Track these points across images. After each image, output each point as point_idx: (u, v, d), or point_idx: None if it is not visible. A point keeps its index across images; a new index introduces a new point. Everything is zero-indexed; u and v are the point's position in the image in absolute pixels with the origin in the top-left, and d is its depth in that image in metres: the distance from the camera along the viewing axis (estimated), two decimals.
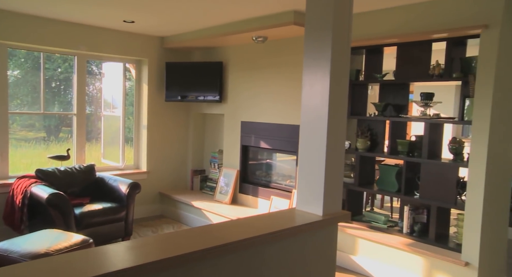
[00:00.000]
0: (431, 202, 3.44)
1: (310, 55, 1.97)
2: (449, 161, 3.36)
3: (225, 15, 4.09)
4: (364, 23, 3.75)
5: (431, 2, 3.31)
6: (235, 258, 1.68)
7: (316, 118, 1.95)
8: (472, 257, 3.10)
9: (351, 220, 3.98)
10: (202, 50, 5.64)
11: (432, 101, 3.55)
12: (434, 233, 3.45)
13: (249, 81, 5.01)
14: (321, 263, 2.06)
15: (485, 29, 2.97)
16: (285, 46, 4.54)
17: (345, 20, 1.94)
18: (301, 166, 2.05)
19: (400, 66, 3.67)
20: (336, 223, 2.05)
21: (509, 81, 3.21)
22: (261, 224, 1.90)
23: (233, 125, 5.25)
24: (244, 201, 5.14)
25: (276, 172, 5.09)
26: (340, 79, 1.96)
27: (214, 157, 5.63)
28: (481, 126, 3.05)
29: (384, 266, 3.62)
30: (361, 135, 3.91)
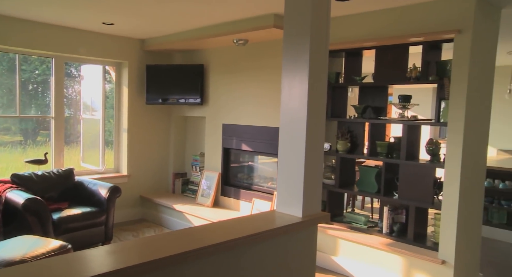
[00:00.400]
0: (410, 202, 3.51)
1: (288, 59, 1.99)
2: (426, 162, 3.43)
3: (206, 18, 4.09)
4: (344, 27, 3.81)
5: (408, 7, 3.38)
6: (216, 261, 1.68)
7: (295, 121, 1.97)
8: (448, 255, 3.17)
9: (332, 221, 4.03)
10: (183, 52, 5.62)
11: (409, 104, 3.62)
12: (413, 233, 3.51)
13: (230, 84, 5.02)
14: (301, 263, 2.08)
15: (458, 33, 3.06)
16: (265, 49, 4.57)
17: (323, 24, 1.97)
18: (281, 168, 2.07)
19: (379, 69, 3.74)
20: (315, 224, 2.07)
21: (481, 83, 3.31)
22: (242, 226, 1.91)
23: (215, 128, 5.24)
24: (226, 204, 5.13)
25: (258, 175, 5.11)
26: (318, 82, 1.99)
27: (196, 160, 5.61)
28: (456, 127, 3.13)
29: (364, 266, 3.67)
30: (341, 137, 3.96)
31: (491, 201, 5.22)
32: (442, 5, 3.18)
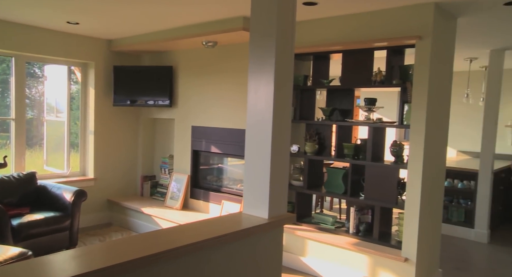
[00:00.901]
0: (375, 202, 3.60)
1: (255, 61, 2.01)
2: (391, 163, 3.54)
3: (174, 19, 4.06)
4: (312, 31, 3.88)
5: (373, 13, 3.48)
6: (183, 263, 1.67)
7: (261, 123, 1.99)
8: (411, 253, 3.28)
9: (301, 222, 4.08)
10: (152, 54, 5.56)
11: (375, 106, 3.72)
12: (378, 232, 3.61)
13: (199, 86, 5.00)
14: (268, 264, 2.10)
15: (419, 40, 3.18)
16: (235, 51, 4.58)
17: (288, 28, 2.00)
18: (247, 170, 2.08)
19: (346, 73, 3.82)
20: (281, 226, 2.10)
21: (440, 87, 3.46)
22: (208, 228, 1.90)
23: (184, 130, 5.20)
24: (195, 206, 5.10)
25: (227, 177, 5.11)
26: (284, 85, 2.02)
27: (165, 163, 5.54)
28: (417, 129, 3.25)
29: (331, 265, 3.74)
30: (310, 139, 4.02)
31: (451, 200, 5.44)
32: (404, 12, 3.30)
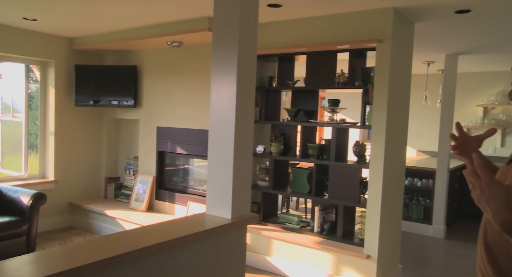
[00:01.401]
0: (339, 201, 3.68)
1: (217, 62, 2.02)
2: (354, 163, 3.63)
3: (139, 18, 4.00)
4: (277, 32, 3.92)
5: (336, 16, 3.56)
6: (146, 265, 1.66)
7: (224, 124, 2.00)
8: (372, 250, 3.38)
9: (267, 222, 4.11)
10: (115, 53, 5.43)
11: (338, 107, 3.81)
12: (341, 231, 3.69)
13: (165, 86, 4.94)
14: (231, 264, 2.11)
15: (380, 43, 3.29)
16: (200, 51, 4.56)
17: (251, 30, 2.02)
18: (210, 171, 2.09)
19: (310, 74, 3.88)
20: (245, 226, 2.12)
21: (400, 89, 3.58)
22: (171, 229, 1.89)
23: (149, 131, 5.12)
24: (160, 208, 5.03)
25: (193, 178, 5.07)
26: (247, 86, 2.03)
27: (129, 164, 5.44)
28: (379, 129, 3.35)
29: (297, 264, 3.79)
30: (275, 140, 4.06)
31: (411, 198, 5.65)
32: (365, 17, 3.40)
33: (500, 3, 3.07)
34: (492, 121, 6.49)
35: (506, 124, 6.45)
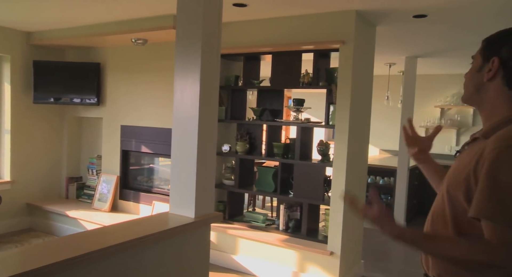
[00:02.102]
0: (303, 199, 3.74)
1: (180, 61, 2.01)
2: (318, 162, 3.70)
3: (102, 13, 3.90)
4: (243, 32, 3.94)
5: (301, 17, 3.62)
6: (108, 265, 1.63)
7: (187, 123, 2.00)
8: (336, 246, 3.47)
9: (233, 221, 4.12)
10: (77, 49, 5.27)
11: (303, 107, 3.87)
12: (306, 228, 3.76)
13: (129, 84, 4.84)
14: (195, 262, 2.11)
15: (343, 44, 3.37)
16: (166, 50, 4.50)
17: (214, 28, 2.02)
18: (173, 170, 2.08)
19: (275, 74, 3.93)
20: (208, 224, 2.12)
21: (362, 89, 3.69)
22: (133, 229, 1.87)
23: (113, 129, 5.01)
24: (125, 208, 4.94)
25: (159, 177, 5.01)
26: (210, 85, 2.04)
27: (92, 163, 5.30)
28: (342, 128, 3.44)
29: (262, 262, 3.83)
30: (241, 139, 4.08)
31: None
32: (329, 18, 3.47)
33: (454, 11, 3.23)
34: (448, 121, 6.80)
35: (460, 124, 6.78)
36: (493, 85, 1.20)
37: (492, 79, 1.20)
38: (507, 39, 1.19)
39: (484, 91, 1.22)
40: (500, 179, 1.04)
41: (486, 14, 3.30)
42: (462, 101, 1.34)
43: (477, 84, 1.24)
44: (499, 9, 3.17)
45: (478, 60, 1.26)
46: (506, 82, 1.18)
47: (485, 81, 1.21)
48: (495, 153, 1.06)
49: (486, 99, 1.22)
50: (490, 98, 1.21)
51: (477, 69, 1.25)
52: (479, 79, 1.23)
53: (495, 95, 1.20)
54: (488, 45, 1.24)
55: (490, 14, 3.31)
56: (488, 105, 1.22)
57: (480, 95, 1.24)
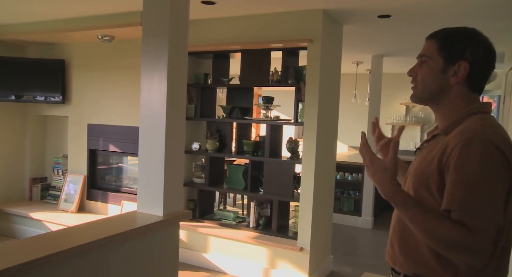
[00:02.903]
0: (273, 197, 3.78)
1: (147, 59, 1.99)
2: (287, 159, 3.75)
3: (66, 8, 3.78)
4: (211, 29, 3.92)
5: (269, 15, 3.64)
6: (72, 267, 1.59)
7: (155, 121, 1.98)
8: (305, 242, 3.53)
9: (203, 219, 4.11)
10: (40, 45, 5.09)
11: (272, 105, 3.90)
12: (276, 225, 3.80)
13: (96, 82, 4.73)
14: (164, 261, 2.10)
15: (310, 43, 3.42)
16: (133, 47, 4.42)
17: (181, 26, 2.01)
18: (141, 168, 2.05)
19: (244, 72, 3.93)
20: (177, 223, 2.11)
21: (330, 87, 3.76)
22: (99, 229, 1.84)
23: (79, 128, 4.88)
24: (92, 208, 4.83)
25: (128, 176, 4.92)
26: (178, 83, 2.02)
27: (58, 163, 5.14)
28: (310, 126, 3.49)
29: (233, 260, 3.84)
30: (210, 137, 4.07)
31: (342, 191, 5.95)
32: (297, 17, 3.51)
33: (416, 11, 3.34)
34: (413, 118, 7.02)
35: (424, 121, 7.02)
36: (457, 86, 1.23)
37: (459, 82, 1.22)
38: (469, 42, 1.21)
39: (447, 93, 1.24)
40: (467, 172, 1.08)
41: (448, 14, 3.43)
42: (415, 99, 1.32)
43: (441, 86, 1.24)
44: (460, 10, 3.30)
45: (438, 61, 1.24)
46: (470, 85, 1.22)
47: (450, 84, 1.23)
48: (459, 147, 1.10)
49: (447, 99, 1.25)
50: (451, 99, 1.24)
51: (441, 71, 1.24)
52: (444, 81, 1.23)
53: (456, 96, 1.24)
54: (448, 46, 1.23)
55: (452, 15, 3.45)
56: (448, 104, 1.26)
57: (442, 96, 1.25)
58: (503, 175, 1.09)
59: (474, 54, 1.20)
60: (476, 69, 1.21)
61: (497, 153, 1.08)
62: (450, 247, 1.09)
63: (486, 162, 1.07)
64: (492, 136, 1.11)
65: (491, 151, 1.08)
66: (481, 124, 1.14)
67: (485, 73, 1.23)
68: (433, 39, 1.27)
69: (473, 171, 1.08)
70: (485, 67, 1.22)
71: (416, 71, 1.29)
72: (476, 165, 1.07)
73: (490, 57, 1.23)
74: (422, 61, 1.28)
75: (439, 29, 1.28)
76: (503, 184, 1.09)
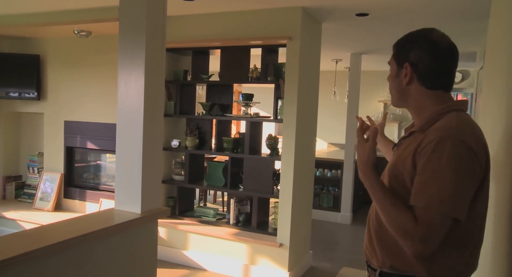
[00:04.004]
0: (253, 193, 3.79)
1: (124, 55, 1.97)
2: (267, 156, 3.76)
3: (41, 2, 3.70)
4: (191, 26, 3.90)
5: (249, 12, 3.65)
6: (47, 265, 1.57)
7: (132, 118, 1.96)
8: (285, 238, 3.56)
9: (183, 216, 4.10)
10: (13, 39, 4.94)
11: (251, 102, 3.91)
12: (256, 221, 3.82)
13: (73, 78, 4.63)
14: (143, 258, 2.09)
15: (290, 40, 3.44)
16: (112, 43, 4.34)
17: (159, 21, 2.00)
18: (118, 165, 2.04)
19: (224, 68, 3.93)
20: (155, 220, 2.10)
21: (309, 84, 3.79)
22: (76, 226, 1.81)
23: (56, 125, 4.78)
24: (70, 207, 4.75)
25: (106, 174, 4.86)
26: (155, 79, 2.01)
27: (33, 161, 5.03)
28: (290, 122, 3.52)
29: (213, 257, 3.84)
30: (190, 134, 4.05)
31: (322, 188, 6.01)
32: (276, 14, 3.53)
33: (393, 10, 3.40)
34: (391, 115, 7.15)
35: (402, 118, 7.16)
36: (413, 87, 1.30)
37: (410, 82, 1.29)
38: (413, 44, 1.29)
39: (407, 94, 1.32)
40: (433, 168, 1.13)
41: (424, 14, 3.51)
42: (393, 105, 1.44)
43: (399, 89, 1.34)
44: (436, 10, 3.38)
45: (394, 66, 1.35)
46: (422, 83, 1.28)
47: (404, 85, 1.31)
48: (433, 145, 1.15)
49: (411, 99, 1.32)
50: (414, 99, 1.31)
51: (395, 74, 1.34)
52: (399, 83, 1.33)
53: (417, 95, 1.30)
54: (398, 51, 1.34)
55: (428, 14, 3.52)
56: (415, 104, 1.32)
57: (405, 97, 1.33)
58: (471, 174, 1.13)
59: (417, 54, 1.27)
60: (423, 68, 1.27)
61: (467, 152, 1.13)
62: (399, 231, 1.16)
63: (453, 160, 1.11)
64: (464, 135, 1.15)
65: (461, 150, 1.12)
66: (456, 123, 1.18)
67: (437, 70, 1.27)
68: (393, 46, 1.37)
69: (437, 167, 1.12)
70: (431, 64, 1.26)
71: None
72: (443, 163, 1.12)
73: (437, 54, 1.26)
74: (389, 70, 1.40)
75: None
76: (468, 183, 1.13)
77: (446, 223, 1.12)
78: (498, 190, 1.63)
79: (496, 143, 1.76)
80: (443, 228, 1.12)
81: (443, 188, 1.11)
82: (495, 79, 2.08)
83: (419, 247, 1.13)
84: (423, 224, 1.12)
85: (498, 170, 1.64)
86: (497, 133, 1.78)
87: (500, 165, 1.62)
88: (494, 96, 2.04)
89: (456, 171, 1.11)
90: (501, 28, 1.99)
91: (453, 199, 1.11)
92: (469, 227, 1.18)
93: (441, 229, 1.12)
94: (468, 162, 1.13)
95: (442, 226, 1.12)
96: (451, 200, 1.11)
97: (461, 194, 1.12)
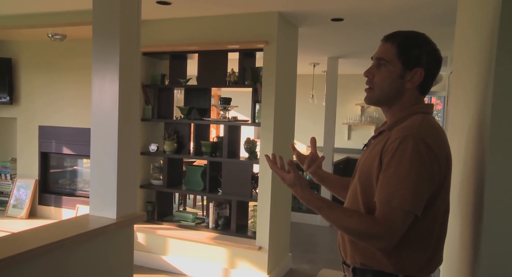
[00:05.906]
0: (232, 197, 3.79)
1: (98, 60, 1.96)
2: (245, 159, 3.78)
3: (14, 4, 3.62)
4: (168, 30, 3.88)
5: (226, 17, 3.66)
6: (19, 273, 1.53)
7: (107, 123, 1.95)
8: (264, 241, 3.57)
9: (162, 221, 4.06)
10: None
11: (229, 105, 3.92)
12: (235, 225, 3.81)
13: (48, 83, 4.54)
14: (119, 264, 2.06)
15: (266, 44, 3.47)
16: (87, 46, 4.24)
17: (133, 25, 1.99)
18: (93, 171, 2.01)
19: (202, 72, 3.92)
20: (131, 225, 2.08)
21: (286, 88, 3.83)
22: (49, 233, 1.78)
23: (29, 130, 4.68)
24: (45, 214, 4.64)
25: (83, 179, 4.77)
26: (130, 84, 2.00)
27: (6, 167, 4.90)
28: (267, 126, 3.54)
29: (193, 261, 3.82)
30: (168, 138, 4.02)
31: None
32: (253, 19, 3.55)
33: (367, 16, 3.48)
34: (368, 118, 7.29)
35: (379, 121, 7.29)
36: (410, 90, 1.30)
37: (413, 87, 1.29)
38: (424, 48, 1.28)
39: (402, 95, 1.31)
40: (394, 166, 1.17)
41: (397, 20, 3.60)
42: (371, 102, 1.36)
43: (398, 90, 1.30)
44: (409, 16, 3.48)
45: (397, 66, 1.28)
46: (421, 89, 1.31)
47: (406, 88, 1.29)
48: (396, 144, 1.19)
49: (399, 101, 1.32)
50: (402, 101, 1.32)
51: (399, 76, 1.28)
52: (401, 85, 1.29)
53: (408, 98, 1.31)
54: (406, 52, 1.28)
55: (401, 20, 3.61)
56: (398, 105, 1.32)
57: (397, 98, 1.31)
58: (429, 172, 1.18)
59: (428, 61, 1.28)
60: (429, 75, 1.30)
61: (427, 152, 1.17)
62: (361, 237, 1.23)
63: (413, 159, 1.16)
64: (425, 135, 1.19)
65: (422, 149, 1.17)
66: (419, 124, 1.22)
67: (434, 78, 1.33)
68: (391, 43, 1.30)
69: (399, 165, 1.17)
70: (435, 73, 1.32)
71: (373, 73, 1.32)
72: (404, 162, 1.16)
73: (439, 63, 1.32)
74: (379, 64, 1.32)
75: (394, 32, 1.33)
76: (426, 181, 1.18)
77: (407, 218, 1.17)
78: (463, 184, 1.69)
79: (464, 138, 1.82)
80: (404, 223, 1.17)
81: (403, 186, 1.15)
82: (460, 83, 2.16)
83: (382, 243, 1.18)
84: (384, 219, 1.17)
85: (466, 162, 1.69)
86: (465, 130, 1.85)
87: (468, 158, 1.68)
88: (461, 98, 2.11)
89: (416, 169, 1.16)
90: (464, 34, 2.07)
91: (413, 196, 1.15)
92: (430, 223, 1.23)
93: (401, 223, 1.16)
94: (427, 161, 1.17)
95: (402, 221, 1.16)
96: (412, 198, 1.15)
97: (418, 191, 1.17)
